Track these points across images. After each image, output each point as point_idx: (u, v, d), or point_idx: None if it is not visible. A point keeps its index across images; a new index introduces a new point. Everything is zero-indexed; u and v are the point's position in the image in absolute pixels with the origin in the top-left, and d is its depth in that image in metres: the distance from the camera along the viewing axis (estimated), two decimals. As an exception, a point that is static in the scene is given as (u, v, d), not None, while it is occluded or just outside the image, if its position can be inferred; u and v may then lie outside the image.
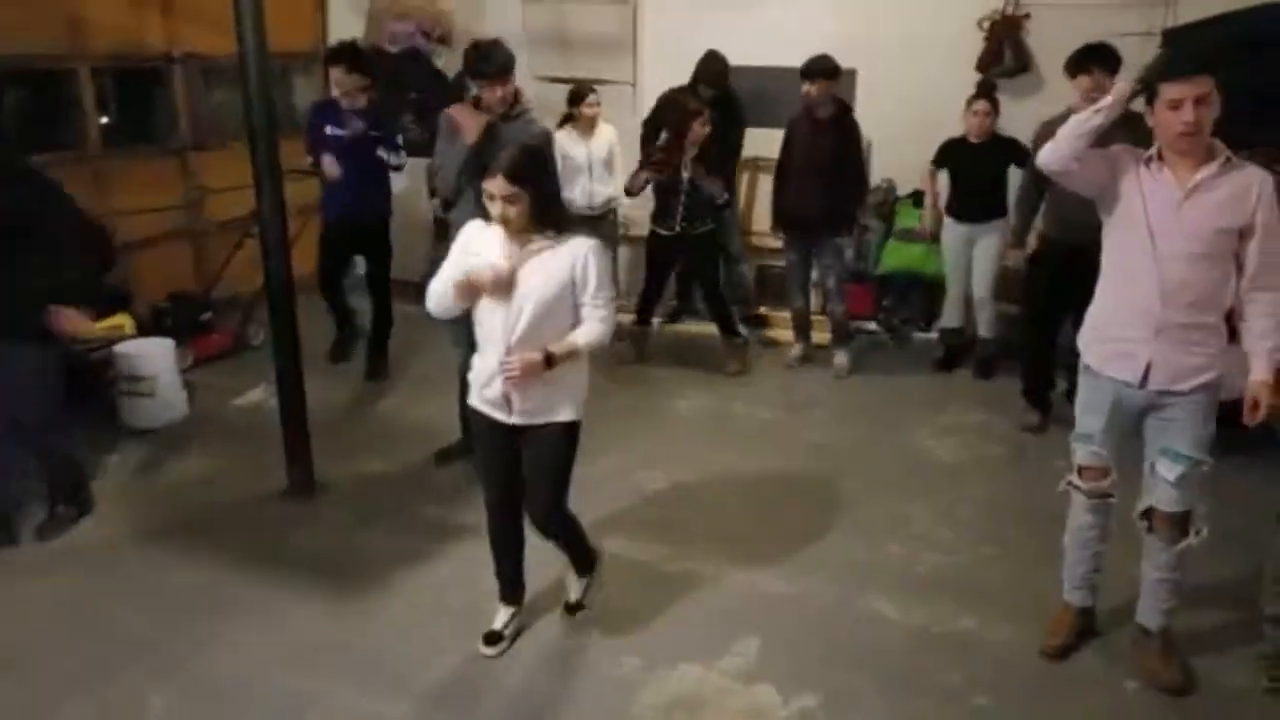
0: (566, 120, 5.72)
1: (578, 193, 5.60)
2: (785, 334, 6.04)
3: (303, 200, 5.35)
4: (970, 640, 3.19)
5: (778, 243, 5.79)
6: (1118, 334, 2.77)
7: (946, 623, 3.27)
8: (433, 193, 4.87)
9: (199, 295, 5.65)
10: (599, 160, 5.68)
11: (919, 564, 3.65)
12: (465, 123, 3.91)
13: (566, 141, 5.57)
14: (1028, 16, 5.66)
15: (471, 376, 2.88)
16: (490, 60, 3.87)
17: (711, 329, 5.80)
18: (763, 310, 6.34)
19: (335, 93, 5.14)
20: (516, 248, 2.70)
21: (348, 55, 5.09)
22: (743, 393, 5.37)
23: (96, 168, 5.37)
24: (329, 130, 5.01)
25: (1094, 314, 2.90)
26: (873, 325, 6.27)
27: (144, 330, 5.00)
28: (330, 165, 4.95)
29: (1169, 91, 2.55)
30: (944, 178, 5.47)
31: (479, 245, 2.77)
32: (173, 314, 5.35)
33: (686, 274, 6.10)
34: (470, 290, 2.68)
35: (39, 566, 3.57)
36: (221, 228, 5.85)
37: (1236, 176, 2.61)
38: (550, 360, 2.68)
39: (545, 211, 2.68)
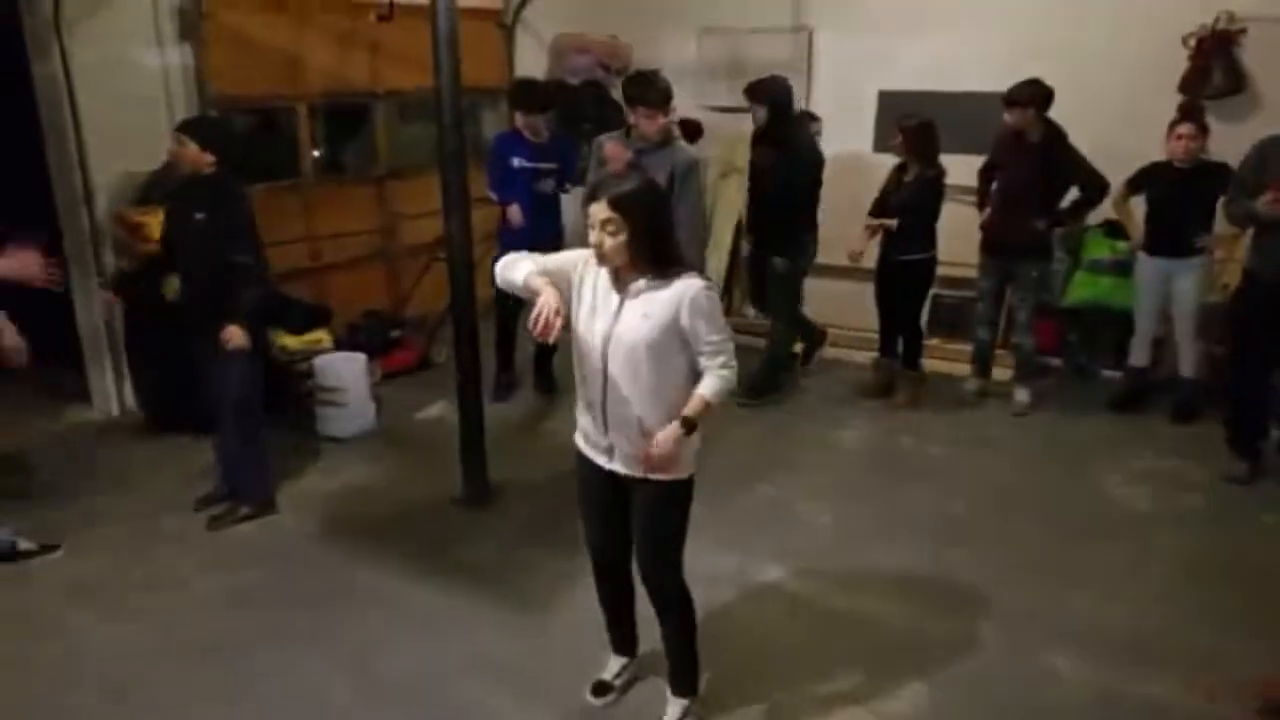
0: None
1: None
2: (956, 367, 5.81)
3: (487, 227, 5.61)
4: (1157, 710, 2.95)
5: (964, 271, 5.60)
6: None
7: (1130, 688, 3.05)
8: None
9: (390, 314, 6.03)
10: None
11: (1102, 620, 3.42)
12: (614, 152, 4.04)
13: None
14: (1243, 31, 5.24)
15: (578, 416, 2.69)
16: (651, 88, 3.98)
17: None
18: (935, 341, 6.10)
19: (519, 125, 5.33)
20: (615, 287, 2.50)
21: (523, 96, 5.24)
22: (910, 426, 5.21)
23: (307, 195, 5.85)
24: (516, 163, 5.16)
25: None
26: (1056, 361, 5.94)
27: (340, 345, 5.39)
28: (515, 214, 5.10)
29: None
30: (1139, 205, 5.12)
31: (587, 279, 2.54)
32: (366, 331, 5.73)
33: None
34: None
35: (231, 558, 3.86)
36: (413, 251, 6.22)
37: None
38: (690, 426, 2.47)
39: (649, 250, 2.43)
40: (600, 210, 2.39)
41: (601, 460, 2.64)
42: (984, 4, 5.84)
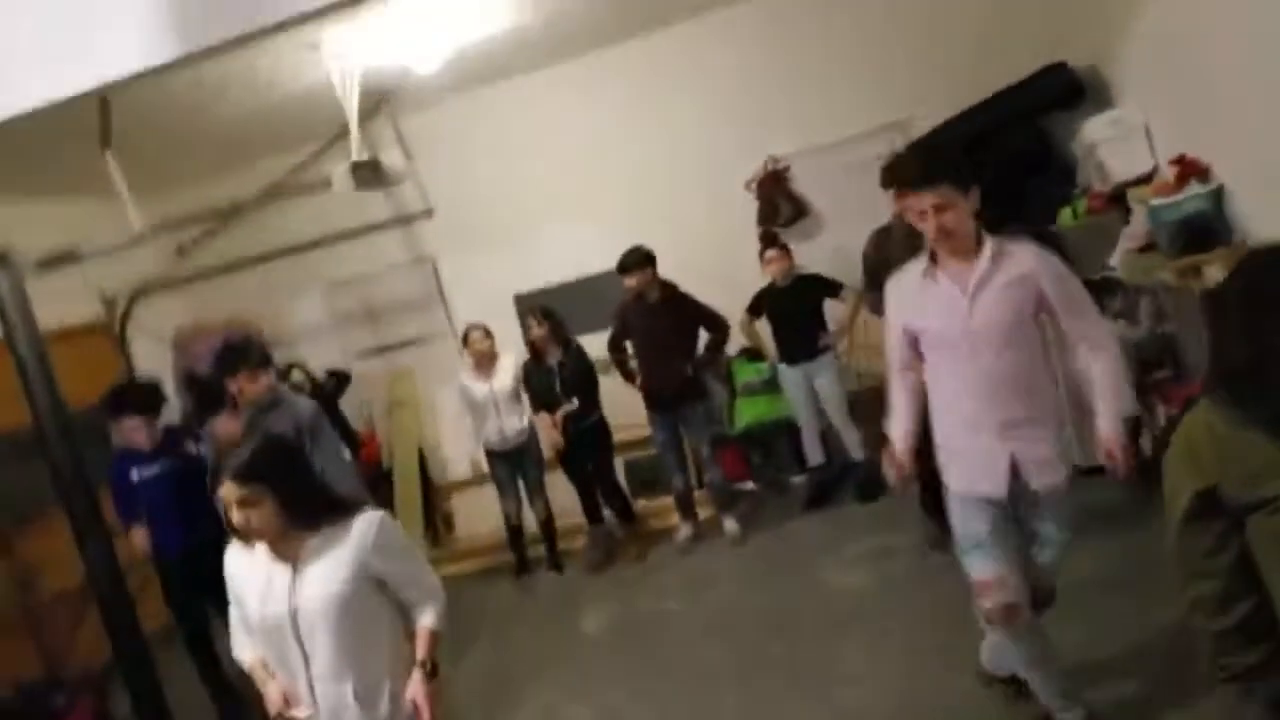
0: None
1: (490, 431, 5.51)
2: (666, 520, 5.94)
3: (142, 551, 5.03)
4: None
5: (643, 432, 5.82)
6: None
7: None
8: None
9: (46, 680, 5.13)
10: (504, 394, 5.51)
11: (866, 701, 3.49)
12: (225, 428, 3.93)
13: (469, 383, 5.53)
14: (788, 168, 6.15)
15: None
16: (245, 351, 3.94)
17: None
18: (640, 502, 6.24)
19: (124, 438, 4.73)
20: (284, 556, 2.27)
21: (119, 402, 4.73)
22: (643, 589, 5.20)
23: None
24: (135, 475, 4.62)
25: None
26: (750, 484, 6.28)
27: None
28: (138, 537, 4.61)
29: (904, 205, 2.65)
30: (763, 326, 5.68)
31: (244, 573, 2.31)
32: (22, 706, 4.81)
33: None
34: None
35: None
36: (59, 600, 5.41)
37: (1012, 260, 2.61)
38: (433, 667, 2.31)
39: (302, 506, 2.25)
40: (230, 491, 2.20)
41: None
42: (580, 201, 6.39)
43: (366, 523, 2.28)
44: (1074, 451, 2.93)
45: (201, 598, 4.50)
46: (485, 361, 5.54)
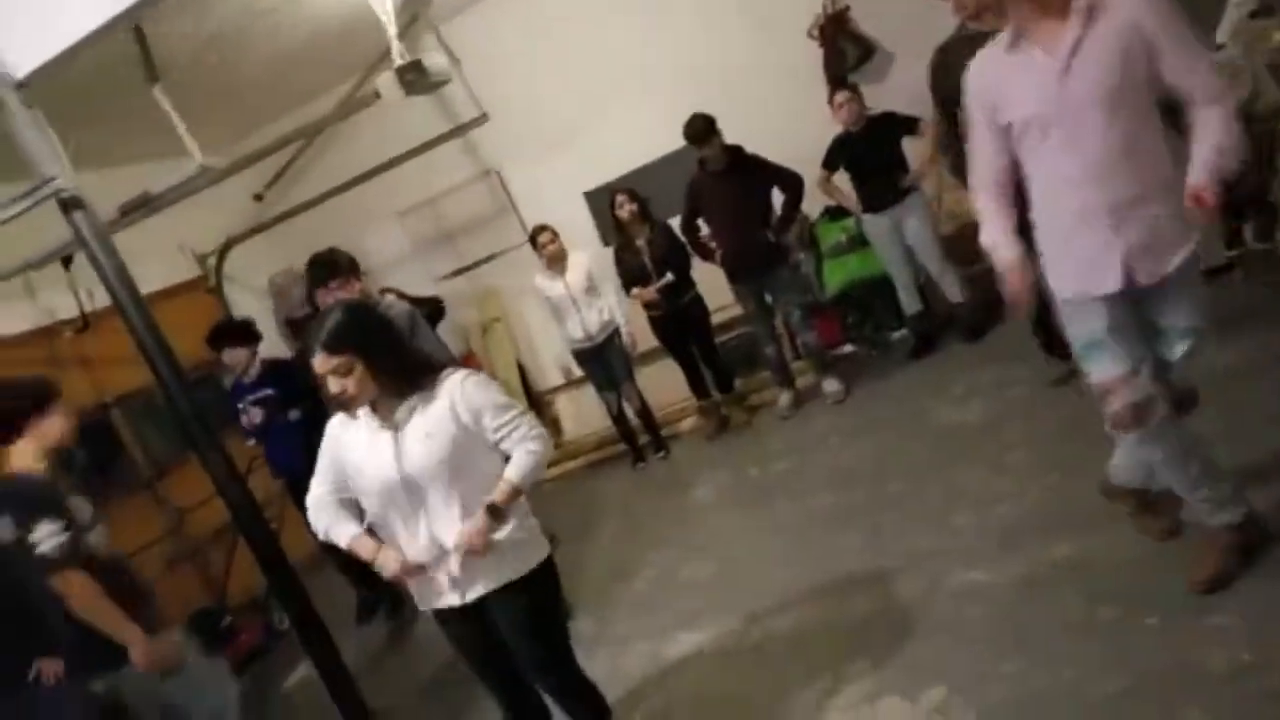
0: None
1: (573, 328, 5.58)
2: (765, 396, 5.96)
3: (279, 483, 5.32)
4: (1073, 566, 2.98)
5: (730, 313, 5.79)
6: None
7: (1042, 561, 3.07)
8: None
9: (214, 607, 5.53)
10: (580, 290, 5.52)
11: (990, 522, 3.45)
12: None
13: (544, 283, 5.59)
14: (847, 8, 5.89)
15: (413, 587, 2.47)
16: (332, 262, 3.99)
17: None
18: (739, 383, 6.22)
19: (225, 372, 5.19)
20: (385, 421, 2.36)
21: (218, 337, 5.12)
22: (752, 456, 5.23)
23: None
24: (246, 401, 5.01)
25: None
26: (849, 347, 6.19)
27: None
28: (253, 416, 4.95)
29: None
30: (841, 179, 5.51)
31: (349, 441, 2.41)
32: (196, 635, 5.19)
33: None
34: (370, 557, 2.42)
35: None
36: (215, 535, 5.80)
37: (1111, 8, 2.28)
38: (496, 513, 2.33)
39: (394, 367, 2.32)
40: (322, 362, 2.27)
41: (454, 600, 2.43)
42: (637, 84, 6.27)
43: (452, 382, 2.34)
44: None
45: None
46: (557, 261, 5.57)
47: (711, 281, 5.67)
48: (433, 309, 6.35)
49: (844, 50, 5.88)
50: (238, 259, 6.84)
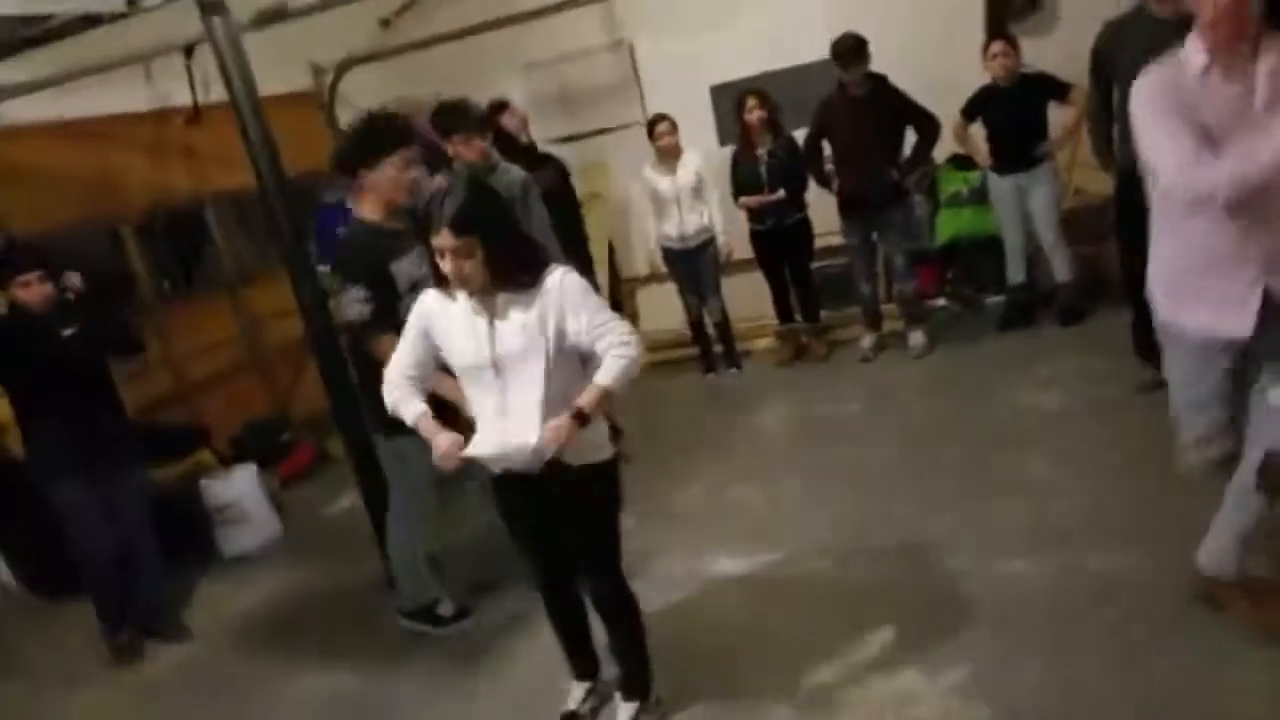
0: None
1: (670, 225, 5.51)
2: (850, 332, 5.86)
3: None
4: (1114, 577, 2.95)
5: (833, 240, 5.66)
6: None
7: (1086, 566, 3.04)
8: None
9: (275, 418, 5.74)
10: (686, 190, 5.42)
11: (1043, 515, 3.41)
12: (441, 188, 3.95)
13: (652, 175, 5.50)
14: (1029, -47, 5.51)
15: (476, 451, 2.44)
16: (462, 114, 3.95)
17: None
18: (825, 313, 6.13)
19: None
20: (483, 305, 2.36)
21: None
22: (821, 393, 5.18)
23: (155, 319, 5.50)
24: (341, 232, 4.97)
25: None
26: (941, 301, 6.03)
27: (226, 462, 5.07)
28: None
29: None
30: (978, 130, 5.25)
31: (445, 322, 2.41)
32: (251, 441, 5.42)
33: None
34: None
35: (157, 689, 3.61)
36: (284, 349, 5.96)
37: None
38: (583, 418, 2.33)
39: (507, 260, 2.30)
40: (445, 239, 2.25)
41: (517, 466, 2.44)
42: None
43: (552, 279, 2.34)
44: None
45: None
46: (669, 155, 5.42)
47: (821, 205, 5.51)
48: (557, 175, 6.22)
49: (1009, -2, 5.52)
50: (353, 80, 6.79)
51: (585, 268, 4.93)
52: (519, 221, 2.53)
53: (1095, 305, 5.18)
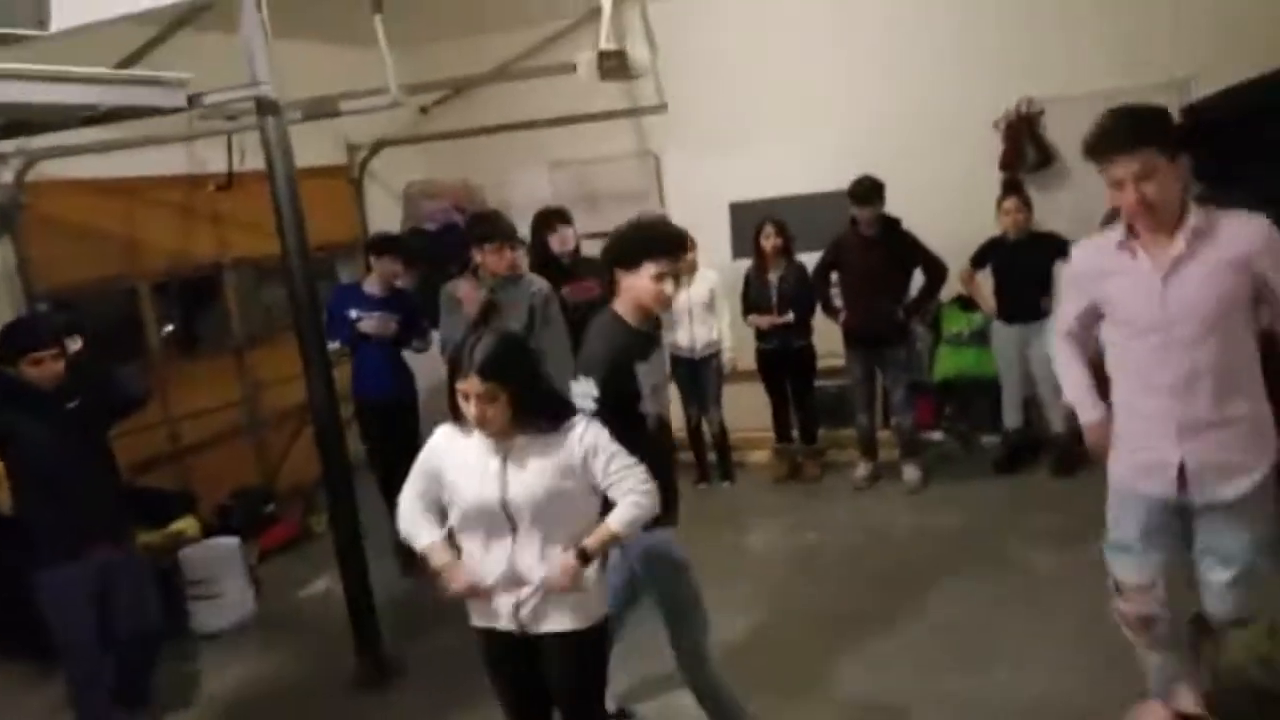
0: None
1: (680, 336, 5.61)
2: (843, 455, 5.92)
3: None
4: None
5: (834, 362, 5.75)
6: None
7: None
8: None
9: (262, 488, 5.72)
10: (699, 304, 5.58)
11: (1025, 686, 3.38)
12: (467, 294, 4.07)
13: None
14: (1042, 113, 5.71)
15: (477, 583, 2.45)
16: (496, 224, 4.05)
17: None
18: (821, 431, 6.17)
19: (370, 280, 5.19)
20: (498, 445, 2.38)
21: (388, 244, 5.21)
22: (812, 520, 5.19)
23: (159, 374, 5.50)
24: (353, 314, 4.99)
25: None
26: (937, 435, 6.09)
27: (210, 531, 5.02)
28: (386, 322, 4.93)
29: (1105, 174, 2.33)
30: (985, 279, 5.38)
31: (457, 459, 2.42)
32: (237, 510, 5.40)
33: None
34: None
35: None
36: (279, 418, 5.98)
37: (1222, 236, 2.32)
38: (586, 557, 2.35)
39: (533, 406, 2.33)
40: (473, 385, 2.27)
41: (514, 627, 2.44)
42: (811, 115, 6.17)
43: (580, 434, 2.37)
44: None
45: (392, 444, 4.84)
46: (687, 270, 5.52)
47: (826, 328, 5.64)
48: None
49: (1025, 151, 5.71)
50: (384, 159, 6.96)
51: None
52: (544, 372, 2.56)
53: (1088, 459, 5.22)
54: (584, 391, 2.65)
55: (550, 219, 4.91)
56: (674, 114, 6.28)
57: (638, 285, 2.75)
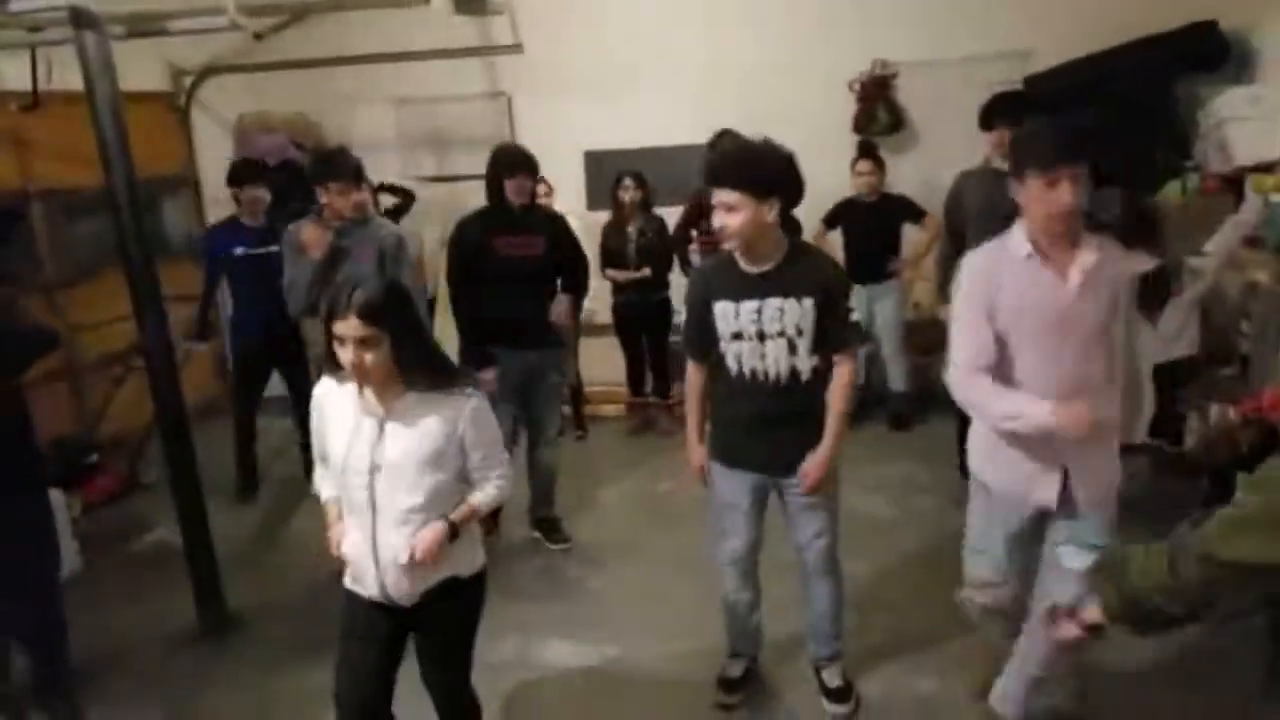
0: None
1: None
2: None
3: (185, 328, 5.09)
4: (935, 705, 3.11)
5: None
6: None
7: (906, 690, 3.20)
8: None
9: (82, 437, 5.28)
10: None
11: (868, 633, 3.55)
12: (313, 236, 3.88)
13: None
14: (895, 75, 5.88)
15: (346, 552, 2.38)
16: (341, 163, 3.85)
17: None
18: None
19: (243, 212, 4.99)
20: (376, 405, 2.27)
21: (256, 172, 5.06)
22: (666, 469, 5.26)
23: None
24: (239, 252, 4.87)
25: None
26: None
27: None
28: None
29: (1042, 177, 2.34)
30: (835, 238, 5.55)
31: (331, 411, 2.32)
32: (55, 461, 4.96)
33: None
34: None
35: None
36: (101, 363, 5.51)
37: (1109, 259, 2.44)
38: (454, 531, 2.30)
39: (410, 357, 2.21)
40: (352, 327, 2.13)
41: (375, 593, 2.35)
42: (670, 67, 6.13)
43: (465, 407, 2.28)
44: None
45: (263, 379, 5.07)
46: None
47: (683, 285, 5.64)
48: (403, 199, 6.12)
49: (877, 114, 5.87)
50: (213, 86, 6.46)
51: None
52: (426, 323, 2.46)
53: (925, 414, 5.54)
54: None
55: (516, 167, 4.31)
56: (529, 56, 6.11)
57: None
